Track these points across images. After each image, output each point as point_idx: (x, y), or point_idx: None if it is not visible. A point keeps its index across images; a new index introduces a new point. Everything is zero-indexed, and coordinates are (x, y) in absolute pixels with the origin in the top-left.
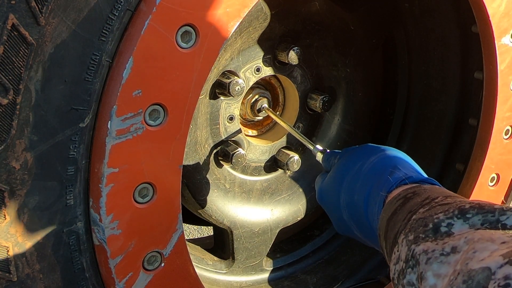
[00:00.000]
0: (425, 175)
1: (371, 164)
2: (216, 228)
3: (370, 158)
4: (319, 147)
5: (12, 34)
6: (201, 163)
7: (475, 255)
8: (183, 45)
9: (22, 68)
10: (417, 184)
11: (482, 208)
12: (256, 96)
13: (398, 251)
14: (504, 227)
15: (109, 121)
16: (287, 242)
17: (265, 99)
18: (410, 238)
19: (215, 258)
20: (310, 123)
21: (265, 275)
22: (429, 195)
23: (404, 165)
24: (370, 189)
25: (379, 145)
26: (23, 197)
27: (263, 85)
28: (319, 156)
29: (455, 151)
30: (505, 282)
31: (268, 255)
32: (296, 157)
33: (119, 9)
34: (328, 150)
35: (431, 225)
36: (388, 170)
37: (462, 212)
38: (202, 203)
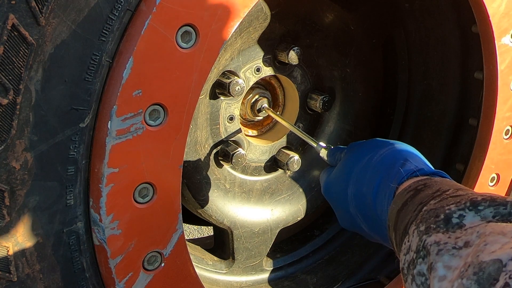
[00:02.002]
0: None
1: (381, 156)
2: (216, 228)
3: (380, 150)
4: (322, 143)
5: (12, 34)
6: (201, 163)
7: (486, 248)
8: (183, 45)
9: (22, 68)
10: (428, 177)
11: (494, 201)
12: (256, 96)
13: (408, 241)
14: None
15: (109, 121)
16: (287, 242)
17: (265, 99)
18: (422, 229)
19: (215, 258)
20: (310, 123)
21: (265, 275)
22: (440, 187)
23: (414, 158)
24: (380, 181)
25: (387, 139)
26: (23, 197)
27: (263, 85)
28: (323, 152)
29: (455, 151)
30: None
31: (268, 255)
32: (296, 157)
33: (119, 9)
34: (332, 147)
35: (442, 216)
36: (400, 162)
37: (474, 204)
38: (202, 203)
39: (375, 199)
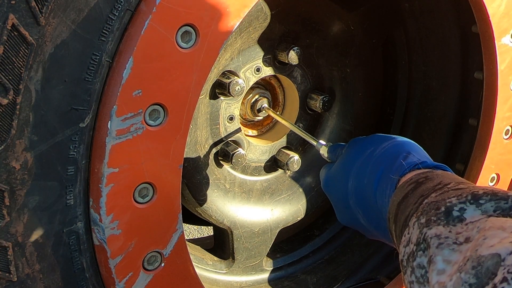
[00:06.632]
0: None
1: (383, 149)
2: (216, 228)
3: (382, 144)
4: (322, 141)
5: (12, 34)
6: (201, 163)
7: (485, 242)
8: (183, 45)
9: (22, 68)
10: (430, 170)
11: (496, 195)
12: (256, 96)
13: (408, 233)
14: None
15: (109, 121)
16: (287, 242)
17: (265, 99)
18: (422, 221)
19: (215, 258)
20: (310, 123)
21: (265, 275)
22: (441, 180)
23: (417, 151)
24: (382, 173)
25: (389, 135)
26: (23, 197)
27: (263, 85)
28: (324, 150)
29: (455, 151)
30: None
31: (268, 255)
32: (296, 157)
33: (119, 9)
34: (332, 144)
35: (443, 209)
36: (402, 154)
37: (475, 198)
38: (202, 203)
39: (376, 191)
